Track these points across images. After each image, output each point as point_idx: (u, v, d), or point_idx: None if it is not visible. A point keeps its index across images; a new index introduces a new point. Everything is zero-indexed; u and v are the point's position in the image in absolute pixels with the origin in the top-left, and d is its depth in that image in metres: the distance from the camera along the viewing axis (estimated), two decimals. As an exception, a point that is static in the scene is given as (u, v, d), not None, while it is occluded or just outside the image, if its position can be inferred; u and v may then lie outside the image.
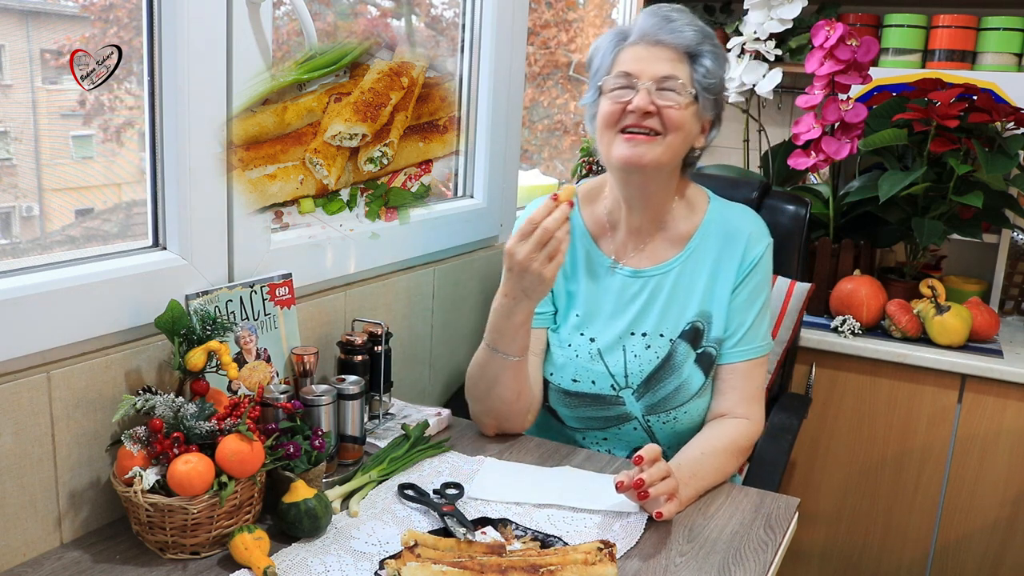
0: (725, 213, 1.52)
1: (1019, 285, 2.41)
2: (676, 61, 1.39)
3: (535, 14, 2.84)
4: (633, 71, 1.38)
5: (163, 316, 1.15)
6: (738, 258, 1.47)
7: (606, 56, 1.43)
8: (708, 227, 1.50)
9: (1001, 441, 2.03)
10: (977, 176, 2.08)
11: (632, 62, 1.39)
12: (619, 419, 1.51)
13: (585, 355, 1.50)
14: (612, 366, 1.49)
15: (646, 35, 1.40)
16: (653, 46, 1.39)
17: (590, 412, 1.52)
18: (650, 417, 1.50)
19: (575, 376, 1.50)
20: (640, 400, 1.49)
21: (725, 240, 1.48)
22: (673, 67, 1.39)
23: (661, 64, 1.38)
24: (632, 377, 1.48)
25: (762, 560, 1.15)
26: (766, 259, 1.49)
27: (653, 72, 1.38)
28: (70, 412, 1.10)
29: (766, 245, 1.49)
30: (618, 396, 1.49)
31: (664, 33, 1.39)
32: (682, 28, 1.39)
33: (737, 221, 1.50)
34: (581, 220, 1.55)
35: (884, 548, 2.18)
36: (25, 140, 1.18)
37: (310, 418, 1.27)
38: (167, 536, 1.06)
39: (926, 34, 2.37)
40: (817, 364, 2.15)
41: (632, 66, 1.39)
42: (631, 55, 1.40)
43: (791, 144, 2.23)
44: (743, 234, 1.48)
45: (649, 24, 1.40)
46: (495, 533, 1.16)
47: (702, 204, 1.53)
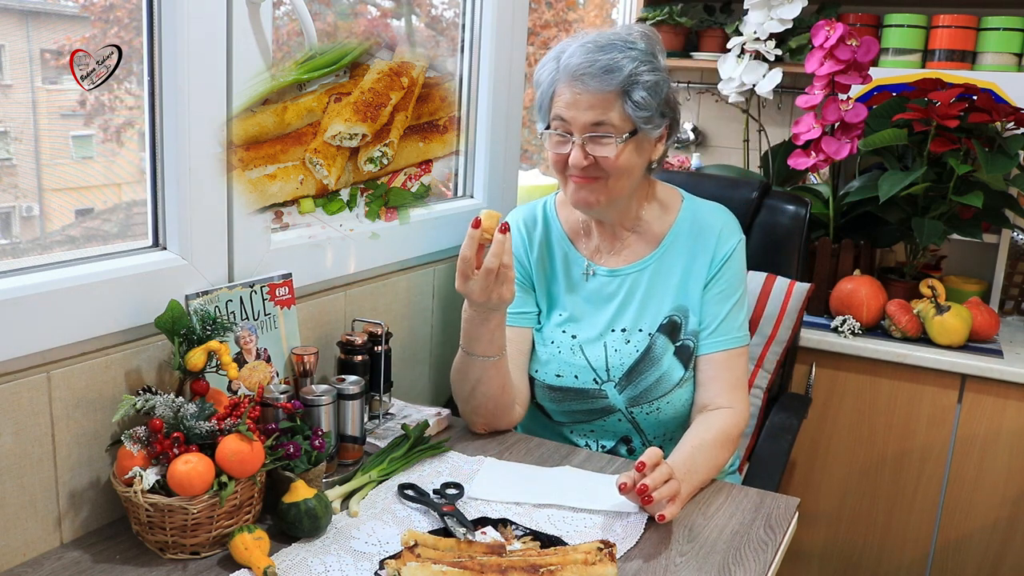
0: (698, 211, 1.54)
1: (1019, 285, 2.40)
2: (606, 104, 1.36)
3: (535, 14, 2.84)
4: (566, 117, 1.38)
5: (163, 316, 1.15)
6: (710, 253, 1.50)
7: (545, 91, 1.42)
8: (681, 225, 1.53)
9: (1001, 441, 2.03)
10: (977, 176, 2.08)
11: (564, 107, 1.38)
12: (603, 411, 1.53)
13: (567, 350, 1.52)
14: (593, 360, 1.51)
15: (574, 77, 1.37)
16: (581, 92, 1.36)
17: (575, 406, 1.54)
18: (633, 409, 1.51)
19: (558, 371, 1.52)
20: (622, 393, 1.51)
21: (697, 236, 1.51)
22: (603, 112, 1.36)
23: (589, 112, 1.36)
24: (613, 371, 1.50)
25: (762, 560, 1.15)
26: (738, 254, 1.51)
27: (583, 121, 1.37)
28: (70, 412, 1.10)
29: (738, 240, 1.52)
30: (600, 389, 1.51)
31: (590, 78, 1.35)
32: (609, 66, 1.35)
33: (709, 218, 1.52)
34: (559, 223, 1.59)
35: (884, 548, 2.18)
36: (25, 140, 1.18)
37: (310, 418, 1.27)
38: (167, 536, 1.06)
39: (926, 34, 2.37)
40: (817, 364, 2.15)
41: (564, 112, 1.38)
42: (563, 99, 1.39)
43: (791, 144, 2.23)
44: (714, 230, 1.50)
45: (576, 64, 1.36)
46: (495, 533, 1.16)
47: (675, 204, 1.56)
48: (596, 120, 1.37)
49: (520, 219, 1.61)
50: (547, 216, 1.60)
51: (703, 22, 2.67)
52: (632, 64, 1.37)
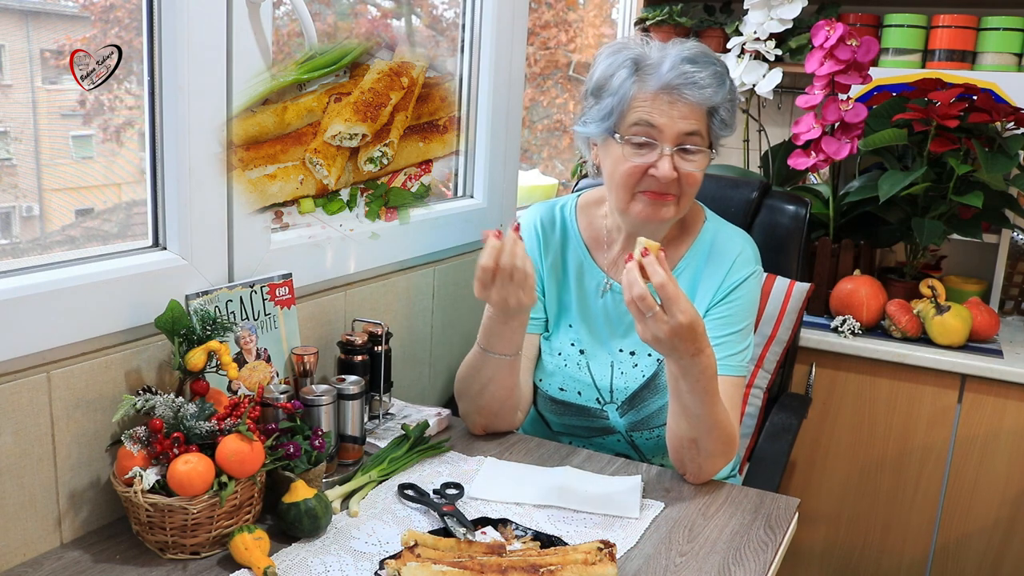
0: (718, 236, 1.48)
1: (1019, 285, 2.41)
2: (698, 116, 1.34)
3: (535, 14, 2.84)
4: (657, 124, 1.33)
5: (163, 316, 1.15)
6: (719, 278, 1.43)
7: (625, 94, 1.35)
8: (699, 247, 1.47)
9: (1001, 441, 2.03)
10: (977, 176, 2.08)
11: (654, 114, 1.33)
12: (603, 431, 1.52)
13: (573, 365, 1.50)
14: (599, 380, 1.48)
15: (670, 88, 1.32)
16: (676, 101, 1.32)
17: (575, 421, 1.53)
18: (633, 433, 1.50)
19: (562, 385, 1.51)
20: (624, 416, 1.49)
21: (710, 259, 1.45)
22: (695, 124, 1.34)
23: (683, 122, 1.33)
24: (617, 393, 1.48)
25: (762, 560, 1.15)
26: (749, 285, 1.43)
27: (677, 129, 1.32)
28: (70, 412, 1.10)
29: (751, 272, 1.44)
30: (602, 410, 1.50)
31: (688, 88, 1.32)
32: (704, 81, 1.33)
33: (727, 244, 1.46)
34: (576, 228, 1.53)
35: (884, 548, 2.18)
36: (25, 140, 1.18)
37: (310, 418, 1.27)
38: (167, 536, 1.06)
39: (926, 34, 2.37)
40: (817, 364, 2.15)
41: (655, 118, 1.33)
42: (653, 106, 1.33)
43: (791, 144, 2.23)
44: (729, 256, 1.44)
45: (673, 76, 1.32)
46: (495, 533, 1.16)
47: (697, 223, 1.50)
48: (691, 129, 1.33)
49: (538, 218, 1.54)
50: (565, 220, 1.54)
51: (703, 22, 2.67)
52: (720, 84, 1.35)
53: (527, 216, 1.57)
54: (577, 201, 1.56)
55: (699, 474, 1.34)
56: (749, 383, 1.81)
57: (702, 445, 1.30)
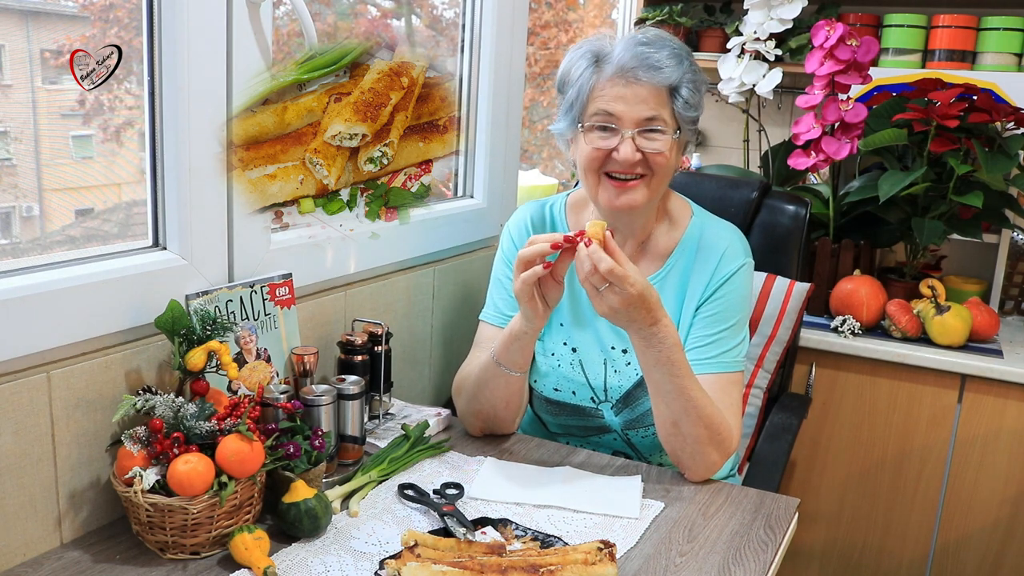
0: (706, 229, 1.47)
1: (1019, 285, 2.41)
2: (657, 100, 1.33)
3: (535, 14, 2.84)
4: (615, 112, 1.33)
5: (163, 316, 1.15)
6: (709, 273, 1.42)
7: (583, 84, 1.36)
8: (687, 243, 1.46)
9: (1001, 441, 2.03)
10: (977, 176, 2.08)
11: (612, 101, 1.33)
12: (599, 430, 1.52)
13: (567, 365, 1.49)
14: (592, 379, 1.48)
15: (624, 71, 1.32)
16: (632, 83, 1.32)
17: (571, 421, 1.53)
18: (629, 431, 1.50)
19: (557, 385, 1.51)
20: (619, 415, 1.49)
21: (699, 254, 1.44)
22: (655, 107, 1.33)
23: (642, 106, 1.32)
24: (611, 392, 1.48)
25: (762, 560, 1.15)
26: (739, 278, 1.43)
27: (635, 115, 1.32)
28: (70, 412, 1.10)
29: (741, 265, 1.43)
30: (597, 409, 1.50)
31: (643, 70, 1.32)
32: (661, 62, 1.32)
33: (715, 238, 1.45)
34: (566, 226, 1.53)
35: (884, 548, 2.18)
36: (25, 140, 1.18)
37: (310, 418, 1.27)
38: (167, 536, 1.06)
39: (926, 34, 2.38)
40: (817, 364, 2.15)
41: (613, 106, 1.33)
42: (611, 93, 1.33)
43: (791, 144, 2.23)
44: (718, 250, 1.43)
45: (627, 58, 1.32)
46: (495, 533, 1.16)
47: (684, 219, 1.49)
48: (650, 115, 1.33)
49: (528, 217, 1.55)
50: (555, 219, 1.54)
51: (703, 22, 2.67)
52: (679, 64, 1.34)
53: (517, 215, 1.57)
54: (566, 200, 1.56)
55: (694, 466, 1.33)
56: (749, 383, 1.81)
57: (684, 429, 1.30)
